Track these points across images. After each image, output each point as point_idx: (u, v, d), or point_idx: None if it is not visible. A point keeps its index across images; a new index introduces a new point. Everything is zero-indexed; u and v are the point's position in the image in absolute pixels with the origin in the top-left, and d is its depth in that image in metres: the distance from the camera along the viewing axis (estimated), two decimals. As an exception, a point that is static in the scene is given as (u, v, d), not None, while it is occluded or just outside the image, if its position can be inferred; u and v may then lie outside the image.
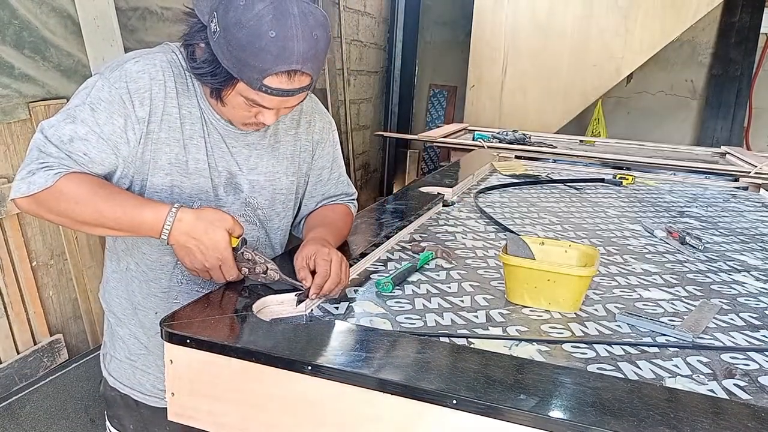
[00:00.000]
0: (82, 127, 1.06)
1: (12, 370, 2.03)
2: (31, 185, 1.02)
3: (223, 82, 1.06)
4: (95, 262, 2.39)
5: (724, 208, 2.24)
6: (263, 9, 0.98)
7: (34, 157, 1.05)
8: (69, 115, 1.07)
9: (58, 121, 1.07)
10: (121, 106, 1.08)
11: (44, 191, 1.02)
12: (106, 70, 1.11)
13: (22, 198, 1.04)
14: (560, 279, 1.14)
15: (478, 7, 4.73)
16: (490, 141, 3.41)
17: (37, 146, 1.06)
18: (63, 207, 1.04)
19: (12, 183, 1.12)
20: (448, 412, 0.78)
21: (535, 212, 1.99)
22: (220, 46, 1.02)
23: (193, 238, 1.04)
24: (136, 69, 1.09)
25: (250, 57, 0.99)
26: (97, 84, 1.09)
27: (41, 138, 1.06)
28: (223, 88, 1.07)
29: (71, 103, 1.09)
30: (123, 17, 2.52)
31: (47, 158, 1.04)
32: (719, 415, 0.77)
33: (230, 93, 1.07)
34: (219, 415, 0.92)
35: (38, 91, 2.19)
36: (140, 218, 1.04)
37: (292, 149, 1.29)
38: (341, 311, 1.13)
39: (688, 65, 5.18)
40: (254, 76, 1.01)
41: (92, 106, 1.07)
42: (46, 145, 1.05)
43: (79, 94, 1.09)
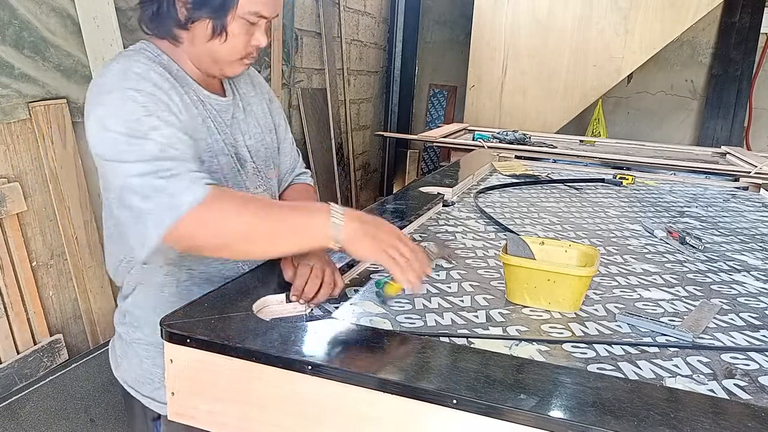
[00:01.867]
0: (158, 136, 0.99)
1: (12, 370, 2.03)
2: (181, 207, 0.94)
3: (221, 6, 1.06)
4: (95, 262, 2.39)
5: (724, 208, 2.24)
6: None
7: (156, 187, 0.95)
8: (133, 137, 0.98)
9: (133, 152, 0.97)
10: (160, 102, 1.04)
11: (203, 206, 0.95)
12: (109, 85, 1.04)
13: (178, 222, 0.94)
14: (560, 279, 1.14)
15: (478, 7, 4.73)
16: (490, 141, 3.41)
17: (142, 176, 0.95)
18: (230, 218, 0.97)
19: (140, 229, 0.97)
20: (448, 412, 0.78)
21: (535, 212, 1.99)
22: None
23: (367, 226, 1.01)
24: (137, 71, 1.06)
25: None
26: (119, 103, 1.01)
27: (140, 169, 0.96)
28: (224, 14, 1.07)
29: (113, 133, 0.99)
30: (123, 17, 2.52)
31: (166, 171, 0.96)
32: (719, 415, 0.77)
33: (233, 18, 1.08)
34: (219, 414, 0.92)
35: (38, 91, 2.19)
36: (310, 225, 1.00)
37: (259, 108, 1.33)
38: (341, 311, 1.13)
39: (688, 65, 5.18)
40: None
41: (146, 113, 1.00)
42: (151, 167, 0.96)
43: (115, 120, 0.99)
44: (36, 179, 2.18)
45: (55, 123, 2.23)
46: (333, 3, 4.57)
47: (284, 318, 1.07)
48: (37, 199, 2.18)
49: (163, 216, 0.95)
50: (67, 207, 2.28)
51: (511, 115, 4.71)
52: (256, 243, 1.01)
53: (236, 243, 1.00)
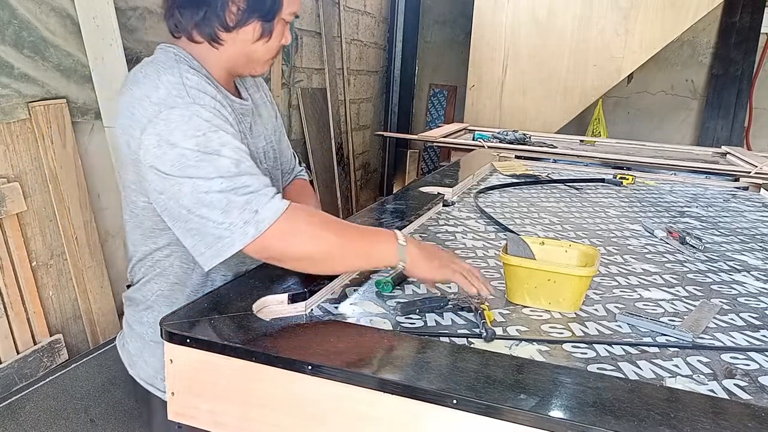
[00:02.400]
0: (229, 152, 1.02)
1: (12, 370, 2.03)
2: (261, 222, 0.99)
3: (271, 10, 1.13)
4: (95, 262, 2.39)
5: (724, 208, 2.24)
6: None
7: (237, 204, 0.99)
8: (205, 153, 1.00)
9: (209, 168, 1.00)
10: (220, 114, 1.07)
11: (283, 220, 1.01)
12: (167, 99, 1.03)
13: (261, 235, 0.99)
14: (560, 279, 1.14)
15: (478, 7, 4.73)
16: (491, 141, 3.41)
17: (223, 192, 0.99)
18: (308, 234, 1.04)
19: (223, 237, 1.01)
20: (448, 412, 0.78)
21: (535, 212, 1.99)
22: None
23: (426, 250, 1.14)
24: (194, 81, 1.07)
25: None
26: (184, 118, 1.02)
27: (220, 185, 0.99)
28: (273, 17, 1.14)
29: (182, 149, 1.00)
30: (123, 17, 2.52)
31: (246, 188, 1.00)
32: (719, 415, 0.77)
33: (278, 21, 1.15)
34: (219, 414, 0.92)
35: (38, 90, 2.19)
36: (379, 247, 1.11)
37: (266, 111, 1.36)
38: (341, 311, 1.13)
39: (689, 65, 5.18)
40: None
41: (212, 128, 1.03)
42: (231, 184, 1.00)
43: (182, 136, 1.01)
44: (36, 179, 2.18)
45: (54, 123, 2.23)
46: (333, 3, 4.57)
47: (284, 318, 1.07)
48: (36, 199, 2.18)
49: (246, 230, 0.99)
50: (67, 207, 2.28)
51: (511, 115, 4.71)
52: (334, 260, 1.08)
53: (317, 258, 1.07)
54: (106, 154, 2.57)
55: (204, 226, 1.01)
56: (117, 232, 2.66)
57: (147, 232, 1.18)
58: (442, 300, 1.16)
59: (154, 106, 1.03)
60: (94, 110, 2.47)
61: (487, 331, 1.03)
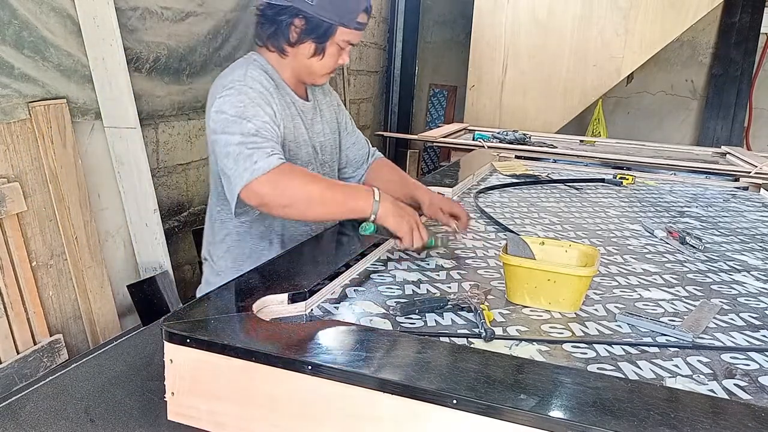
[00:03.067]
0: (257, 121, 1.31)
1: (12, 370, 2.03)
2: (256, 171, 1.24)
3: (324, 35, 1.41)
4: (95, 262, 2.39)
5: (724, 208, 2.24)
6: None
7: (245, 154, 1.25)
8: (239, 118, 1.31)
9: (238, 126, 1.30)
10: (264, 100, 1.38)
11: (276, 171, 1.25)
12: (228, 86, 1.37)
13: (254, 180, 1.23)
14: (560, 279, 1.14)
15: (478, 7, 4.73)
16: (491, 141, 3.41)
17: (238, 144, 1.27)
18: (296, 185, 1.27)
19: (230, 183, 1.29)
20: (448, 412, 0.78)
21: (535, 212, 1.99)
22: (321, 5, 1.37)
23: (398, 206, 1.36)
24: (253, 77, 1.40)
25: (348, 4, 1.40)
26: (234, 94, 1.34)
27: (240, 138, 1.28)
28: (326, 40, 1.42)
29: (226, 114, 1.32)
30: (123, 17, 2.52)
31: (256, 147, 1.26)
32: (719, 415, 0.77)
33: (331, 43, 1.43)
34: (219, 414, 0.92)
35: (38, 90, 2.19)
36: (356, 191, 1.36)
37: (328, 112, 1.67)
38: (341, 311, 1.13)
39: (689, 65, 5.18)
40: (351, 17, 1.41)
41: (252, 104, 1.33)
42: (247, 140, 1.27)
43: (229, 107, 1.32)
44: (36, 179, 2.18)
45: (54, 123, 2.23)
46: None
47: (284, 318, 1.07)
48: (36, 199, 2.19)
49: (244, 175, 1.25)
50: (67, 207, 2.28)
51: (511, 115, 4.71)
52: (315, 206, 1.31)
53: (298, 204, 1.29)
54: (106, 154, 2.57)
55: (225, 173, 1.31)
56: (117, 232, 2.66)
57: (219, 195, 1.48)
58: (442, 300, 1.16)
59: (220, 86, 1.39)
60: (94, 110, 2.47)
61: (487, 331, 1.03)
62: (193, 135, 3.17)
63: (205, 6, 3.06)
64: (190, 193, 3.19)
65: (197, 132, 3.20)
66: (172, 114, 2.96)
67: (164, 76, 2.85)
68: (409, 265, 1.40)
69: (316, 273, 1.22)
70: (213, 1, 3.12)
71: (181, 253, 3.12)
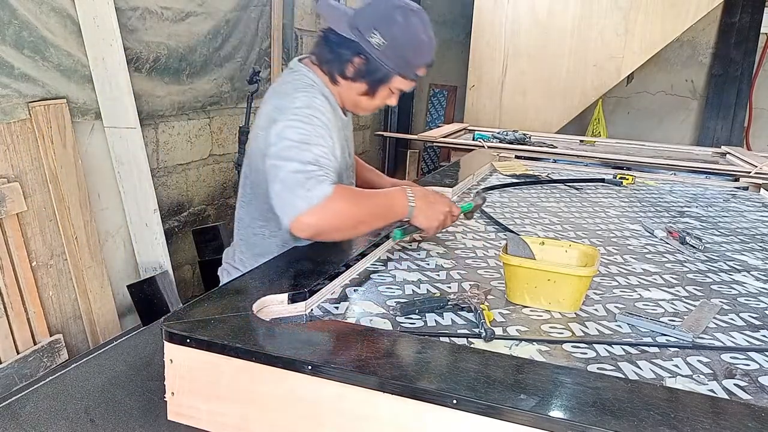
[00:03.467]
0: (318, 149, 1.30)
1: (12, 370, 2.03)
2: (311, 199, 1.23)
3: (380, 80, 1.41)
4: (95, 262, 2.39)
5: (724, 208, 2.24)
6: (416, 21, 1.38)
7: (300, 181, 1.24)
8: (303, 143, 1.30)
9: (297, 152, 1.28)
10: (327, 131, 1.37)
11: (327, 200, 1.23)
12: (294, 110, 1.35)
13: (307, 211, 1.22)
14: (560, 279, 1.14)
15: (478, 7, 4.73)
16: (491, 141, 3.41)
17: (295, 171, 1.25)
18: (347, 212, 1.29)
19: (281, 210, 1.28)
20: (448, 412, 0.78)
21: (535, 212, 1.99)
22: (385, 53, 1.37)
23: (426, 197, 1.42)
24: (319, 104, 1.39)
25: (413, 57, 1.40)
26: (302, 119, 1.33)
27: (297, 165, 1.26)
28: (380, 85, 1.43)
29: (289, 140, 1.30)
30: (123, 17, 2.52)
31: (311, 174, 1.25)
32: (719, 415, 0.77)
33: (384, 87, 1.43)
34: (219, 414, 0.92)
35: (38, 90, 2.19)
36: (392, 202, 1.38)
37: (352, 128, 1.69)
38: (341, 311, 1.13)
39: (689, 65, 5.18)
40: (412, 70, 1.42)
41: (316, 135, 1.33)
42: (304, 167, 1.26)
43: (292, 131, 1.31)
44: (36, 179, 2.18)
45: (54, 123, 2.23)
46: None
47: (284, 318, 1.07)
48: (36, 199, 2.19)
49: (297, 204, 1.23)
50: (67, 207, 2.28)
51: (511, 115, 4.71)
52: (359, 228, 1.34)
53: (345, 231, 1.32)
54: (106, 154, 2.58)
55: (277, 197, 1.29)
56: (117, 232, 2.66)
57: (263, 216, 1.48)
58: (442, 300, 1.16)
59: (285, 112, 1.36)
60: (94, 110, 2.47)
61: (487, 331, 1.03)
62: (193, 135, 3.17)
63: (205, 6, 3.06)
64: (190, 193, 3.19)
65: (197, 132, 3.20)
66: (172, 114, 2.96)
67: (164, 76, 2.85)
68: (409, 265, 1.40)
69: (316, 273, 1.22)
70: (213, 1, 3.12)
71: (181, 253, 3.12)
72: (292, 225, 1.24)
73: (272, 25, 3.71)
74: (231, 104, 3.42)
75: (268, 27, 3.69)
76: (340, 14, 1.41)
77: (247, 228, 1.57)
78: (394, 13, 1.36)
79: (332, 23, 1.41)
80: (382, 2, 1.39)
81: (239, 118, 3.43)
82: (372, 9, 1.38)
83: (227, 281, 1.35)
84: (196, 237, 3.10)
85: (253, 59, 3.56)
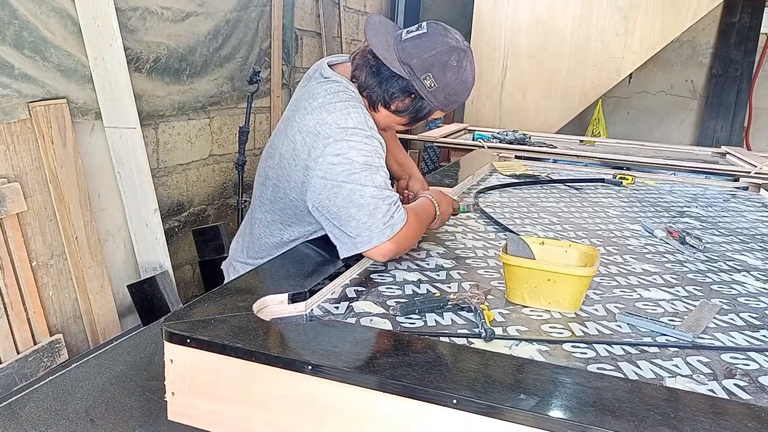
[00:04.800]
0: (384, 172, 1.34)
1: (12, 370, 2.03)
2: (395, 226, 1.29)
3: (423, 116, 1.46)
4: (95, 262, 2.39)
5: (724, 208, 2.24)
6: (467, 64, 1.39)
7: (380, 207, 1.28)
8: (369, 165, 1.31)
9: (368, 175, 1.29)
10: (384, 150, 1.38)
11: (406, 226, 1.31)
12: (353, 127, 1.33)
13: (392, 238, 1.28)
14: (560, 279, 1.14)
15: (478, 7, 4.73)
16: (490, 141, 3.41)
17: (372, 197, 1.28)
18: (416, 234, 1.40)
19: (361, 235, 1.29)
20: (448, 412, 0.78)
21: (535, 212, 1.99)
22: (435, 94, 1.38)
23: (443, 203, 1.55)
24: (372, 122, 1.38)
25: (459, 97, 1.43)
26: (362, 142, 1.32)
27: (373, 191, 1.28)
28: (422, 120, 1.48)
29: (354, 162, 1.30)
30: (123, 17, 2.52)
31: (389, 200, 1.30)
32: (719, 415, 0.77)
33: (424, 120, 1.49)
34: (219, 414, 0.92)
35: (38, 91, 2.19)
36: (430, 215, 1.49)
37: None
38: (341, 311, 1.13)
39: (688, 65, 5.18)
40: (452, 106, 1.44)
41: (377, 155, 1.34)
42: (380, 193, 1.29)
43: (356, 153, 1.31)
44: (36, 179, 2.18)
45: (55, 123, 2.23)
46: (333, 3, 4.57)
47: (284, 318, 1.07)
48: (37, 199, 2.19)
49: (385, 231, 1.28)
50: (67, 207, 2.28)
51: (511, 115, 4.71)
52: (418, 238, 1.47)
53: (414, 243, 1.45)
54: (107, 154, 2.58)
55: (348, 223, 1.28)
56: (117, 232, 2.66)
57: (285, 221, 1.48)
58: (442, 300, 1.16)
59: (342, 130, 1.32)
60: (94, 110, 2.47)
61: (487, 331, 1.03)
62: (193, 135, 3.17)
63: (205, 6, 3.06)
64: (190, 193, 3.19)
65: (197, 132, 3.20)
66: (172, 114, 2.96)
67: (164, 76, 2.85)
68: (409, 265, 1.40)
69: (316, 273, 1.22)
70: (213, 1, 3.12)
71: (181, 253, 3.12)
72: (373, 251, 1.28)
73: (272, 25, 3.71)
74: (231, 104, 3.42)
75: (268, 27, 3.69)
76: (388, 40, 1.38)
77: (264, 228, 1.56)
78: (449, 58, 1.35)
79: (379, 51, 1.36)
80: (439, 43, 1.35)
81: (239, 118, 3.43)
82: (427, 48, 1.35)
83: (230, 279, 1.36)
84: (196, 237, 3.10)
85: (254, 59, 3.56)
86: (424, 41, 1.35)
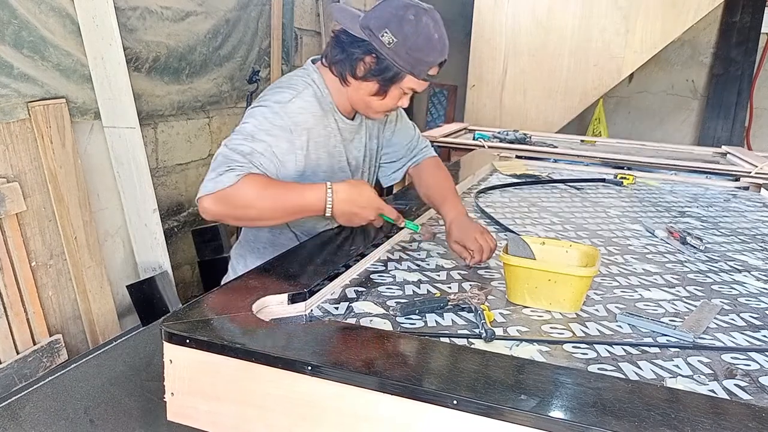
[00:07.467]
0: (259, 145, 1.33)
1: (11, 371, 2.03)
2: (217, 183, 1.25)
3: (391, 79, 1.38)
4: (94, 262, 2.39)
5: (725, 208, 2.24)
6: (426, 19, 1.35)
7: (220, 163, 1.28)
8: (248, 136, 1.34)
9: (239, 140, 1.33)
10: (287, 134, 1.37)
11: (229, 188, 1.25)
12: (271, 102, 1.38)
13: (208, 195, 1.26)
14: (561, 279, 1.14)
15: (478, 7, 4.73)
16: (491, 141, 3.41)
17: (223, 155, 1.30)
18: (244, 202, 1.28)
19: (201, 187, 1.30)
20: (448, 412, 0.77)
21: (536, 212, 1.99)
22: (396, 51, 1.34)
23: (352, 202, 1.32)
24: (297, 106, 1.39)
25: (424, 55, 1.36)
26: (267, 113, 1.37)
27: (227, 151, 1.30)
28: (391, 84, 1.39)
29: (245, 127, 1.35)
30: (122, 16, 2.52)
31: (232, 163, 1.28)
32: (720, 415, 0.76)
33: (395, 87, 1.40)
34: (218, 415, 0.92)
35: (37, 90, 2.19)
36: (305, 201, 1.32)
37: (375, 130, 1.65)
38: (341, 311, 1.12)
39: (689, 65, 5.17)
40: (423, 69, 1.37)
41: (267, 131, 1.35)
42: (231, 154, 1.29)
43: (252, 120, 1.36)
44: (35, 179, 2.18)
45: (54, 123, 2.23)
46: (333, 2, 4.57)
47: (284, 318, 1.07)
48: (36, 199, 2.18)
49: (208, 185, 1.27)
50: (67, 207, 2.27)
51: (512, 114, 4.70)
52: (267, 218, 1.34)
53: (253, 218, 1.33)
54: (106, 154, 2.57)
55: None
56: (116, 232, 2.66)
57: None
58: (442, 300, 1.15)
59: (264, 99, 1.41)
60: (93, 110, 2.47)
61: (487, 331, 1.03)
62: (193, 135, 3.17)
63: (204, 5, 3.06)
64: (189, 193, 3.18)
65: (197, 132, 3.20)
66: (171, 114, 2.96)
67: (164, 75, 2.85)
68: (409, 265, 1.40)
69: (316, 273, 1.22)
70: (212, 1, 3.12)
71: (181, 253, 3.11)
72: (199, 203, 1.30)
73: (272, 24, 3.71)
74: (231, 104, 3.42)
75: (268, 26, 3.69)
76: (352, 16, 1.40)
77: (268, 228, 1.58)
78: (404, 12, 1.34)
79: (345, 25, 1.40)
80: (394, 1, 1.37)
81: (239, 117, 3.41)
82: (383, 8, 1.37)
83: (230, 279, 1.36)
84: (196, 237, 3.10)
85: (253, 59, 3.56)
86: (383, 5, 1.38)
